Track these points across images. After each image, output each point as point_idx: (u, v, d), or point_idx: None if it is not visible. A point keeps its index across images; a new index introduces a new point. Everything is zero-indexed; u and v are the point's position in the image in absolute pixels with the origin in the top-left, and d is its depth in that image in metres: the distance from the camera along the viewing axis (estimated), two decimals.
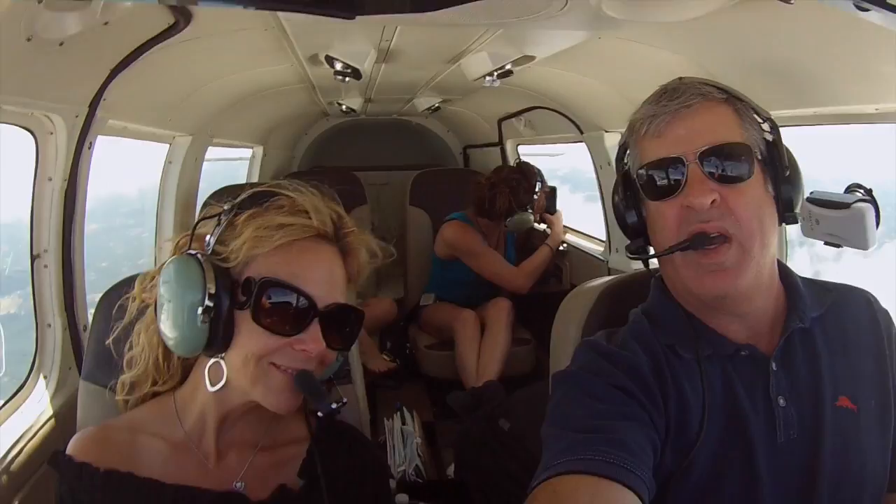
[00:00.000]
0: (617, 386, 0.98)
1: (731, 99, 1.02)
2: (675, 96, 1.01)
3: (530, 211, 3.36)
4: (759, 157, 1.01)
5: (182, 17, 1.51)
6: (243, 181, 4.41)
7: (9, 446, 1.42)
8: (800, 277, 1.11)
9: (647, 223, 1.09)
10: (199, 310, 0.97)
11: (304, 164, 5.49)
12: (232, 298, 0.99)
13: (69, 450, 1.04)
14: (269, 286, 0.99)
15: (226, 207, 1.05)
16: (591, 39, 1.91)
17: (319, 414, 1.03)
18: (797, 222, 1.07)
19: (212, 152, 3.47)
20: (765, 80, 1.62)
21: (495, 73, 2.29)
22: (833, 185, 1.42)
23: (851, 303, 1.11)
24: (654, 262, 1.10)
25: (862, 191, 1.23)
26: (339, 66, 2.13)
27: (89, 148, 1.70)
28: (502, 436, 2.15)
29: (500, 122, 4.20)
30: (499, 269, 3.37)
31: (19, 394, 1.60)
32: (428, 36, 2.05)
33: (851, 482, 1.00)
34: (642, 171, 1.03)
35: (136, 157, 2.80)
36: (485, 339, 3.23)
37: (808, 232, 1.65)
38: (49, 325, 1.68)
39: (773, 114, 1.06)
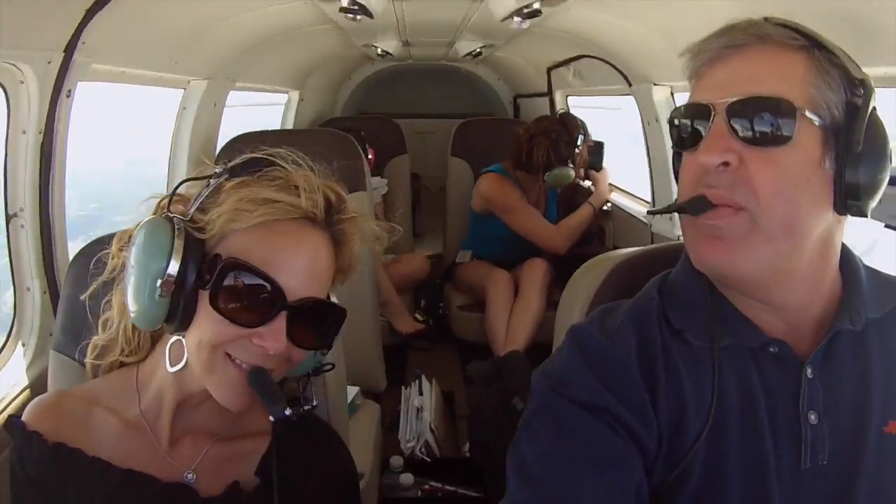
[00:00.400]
0: (589, 406, 0.84)
1: (811, 48, 0.82)
2: (726, 33, 0.85)
3: (571, 166, 3.10)
4: (823, 124, 0.81)
5: None
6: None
7: None
8: (866, 268, 0.93)
9: None
10: (159, 282, 0.87)
11: (348, 109, 5.39)
12: (198, 274, 0.89)
13: (24, 416, 0.98)
14: (232, 268, 0.89)
15: (217, 170, 0.95)
16: None
17: (270, 418, 0.91)
18: (865, 215, 0.85)
19: (241, 97, 3.39)
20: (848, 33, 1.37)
21: (523, 12, 2.06)
22: None
23: None
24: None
25: None
26: (344, 2, 1.96)
27: (67, 96, 1.59)
28: (515, 416, 2.03)
29: (548, 70, 3.95)
30: (534, 227, 3.16)
31: None
32: None
33: None
34: (673, 117, 0.89)
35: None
36: (517, 302, 3.06)
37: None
38: (28, 289, 1.62)
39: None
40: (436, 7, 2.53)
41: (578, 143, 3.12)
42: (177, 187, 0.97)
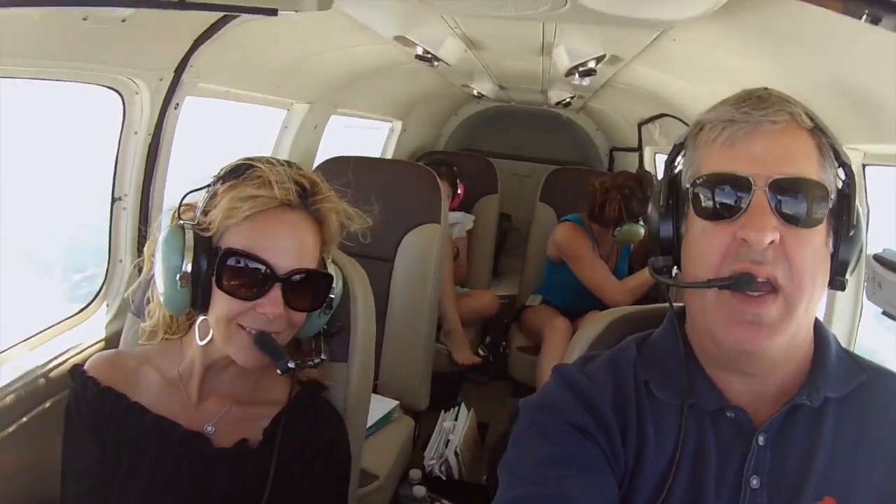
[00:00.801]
0: (574, 425, 0.91)
1: (817, 131, 0.87)
2: (762, 106, 0.86)
3: (642, 224, 3.05)
4: (830, 206, 0.87)
5: None
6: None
7: (56, 355, 1.67)
8: (838, 347, 0.96)
9: (684, 244, 0.95)
10: (178, 276, 1.10)
11: (451, 145, 5.60)
12: (208, 265, 1.12)
13: (86, 365, 1.23)
14: (229, 255, 1.11)
15: (212, 179, 1.17)
16: (673, 41, 1.83)
17: (278, 371, 1.13)
18: (844, 289, 0.91)
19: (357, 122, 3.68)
20: (849, 106, 1.46)
21: (580, 70, 2.22)
22: None
23: (886, 392, 0.93)
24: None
25: None
26: (419, 51, 2.19)
27: (175, 108, 1.92)
28: None
29: (639, 126, 4.03)
30: (600, 280, 3.17)
31: (81, 314, 1.87)
32: (500, 26, 2.05)
33: None
34: (699, 182, 0.88)
35: None
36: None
37: (870, 295, 1.47)
38: (120, 261, 1.93)
39: (862, 147, 0.92)
40: (510, 58, 2.69)
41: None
42: (182, 199, 1.19)
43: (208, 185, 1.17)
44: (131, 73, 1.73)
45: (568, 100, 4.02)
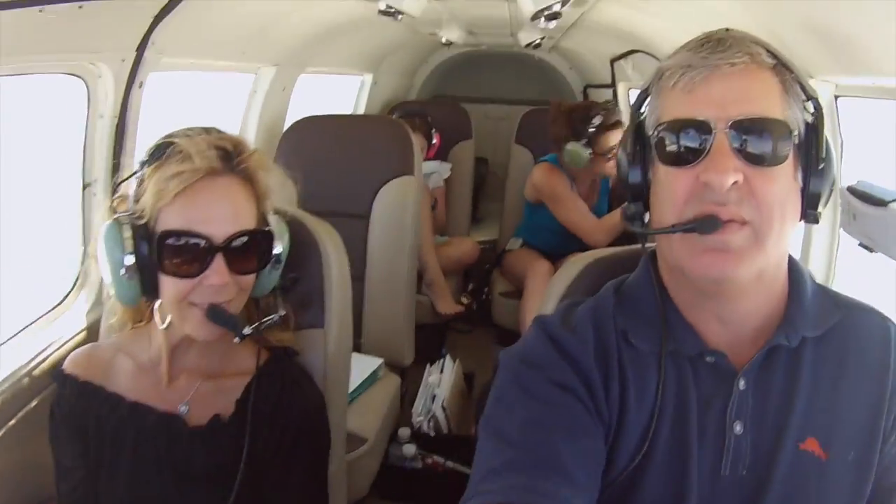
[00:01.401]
0: (557, 383, 0.89)
1: (780, 67, 0.86)
2: (720, 49, 0.85)
3: (586, 146, 2.98)
4: (796, 142, 0.86)
5: None
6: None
7: (38, 352, 1.68)
8: (813, 285, 0.96)
9: (651, 188, 0.94)
10: (122, 270, 1.11)
11: (424, 93, 5.57)
12: (150, 251, 1.12)
13: (65, 364, 1.25)
14: (166, 237, 1.10)
15: (137, 164, 1.16)
16: None
17: (236, 340, 1.15)
18: (817, 222, 0.91)
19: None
20: (821, 42, 1.46)
21: (545, 14, 2.18)
22: None
23: (863, 329, 0.94)
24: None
25: None
26: (382, 6, 2.14)
27: (140, 87, 1.89)
28: None
29: (612, 62, 3.96)
30: (577, 219, 3.11)
31: (60, 306, 1.86)
32: None
33: None
34: (661, 128, 0.88)
35: None
36: None
37: (845, 225, 1.49)
38: None
39: (834, 79, 0.88)
40: (473, 6, 2.65)
41: (594, 121, 2.97)
42: (114, 191, 1.19)
43: (135, 172, 1.15)
44: (92, 58, 1.71)
45: (538, 41, 3.98)
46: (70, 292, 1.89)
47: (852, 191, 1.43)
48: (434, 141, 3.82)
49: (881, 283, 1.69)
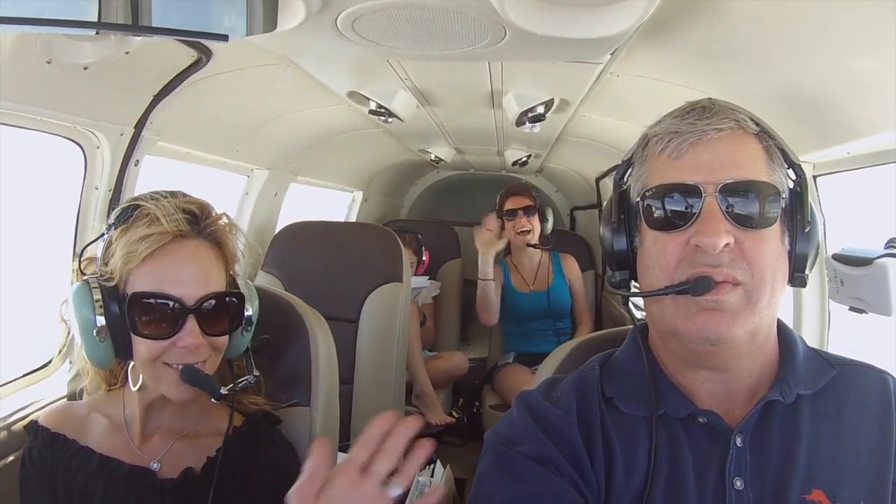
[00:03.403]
0: (537, 458, 0.90)
1: (763, 134, 0.91)
2: (707, 115, 0.89)
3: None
4: (783, 206, 0.90)
5: (202, 53, 1.73)
6: None
7: (17, 409, 1.63)
8: (805, 347, 0.98)
9: (638, 256, 0.97)
10: (94, 331, 1.11)
11: (414, 213, 5.70)
12: (122, 312, 1.12)
13: (39, 417, 1.25)
14: (137, 300, 1.12)
15: (104, 228, 1.18)
16: (616, 77, 1.94)
17: (212, 400, 1.16)
18: (804, 285, 0.93)
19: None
20: (794, 116, 1.53)
21: (528, 116, 2.32)
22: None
23: (859, 383, 0.94)
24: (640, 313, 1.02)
25: None
26: (373, 105, 2.28)
27: (136, 164, 1.95)
28: None
29: (597, 181, 4.10)
30: None
31: (44, 369, 1.83)
32: (449, 75, 2.15)
33: None
34: (649, 194, 0.91)
35: None
36: None
37: (833, 295, 1.51)
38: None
39: (811, 159, 0.93)
40: (463, 113, 2.78)
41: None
42: (80, 255, 1.21)
43: (101, 235, 1.18)
44: (92, 126, 1.77)
45: (524, 159, 4.13)
46: (54, 358, 1.86)
47: (837, 258, 1.46)
48: (424, 258, 3.93)
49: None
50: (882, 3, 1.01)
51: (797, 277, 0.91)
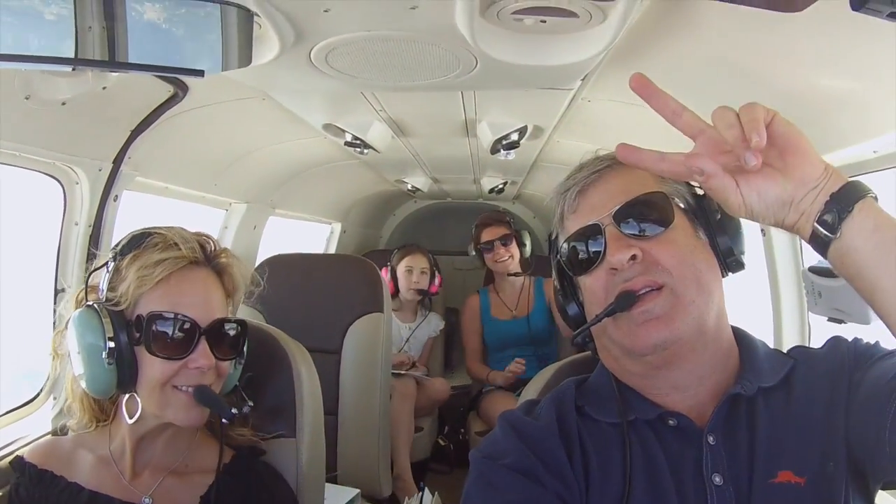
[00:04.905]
0: (521, 470, 0.93)
1: None
2: (587, 165, 1.01)
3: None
4: (683, 206, 0.99)
5: (178, 88, 1.75)
6: None
7: (1, 445, 1.63)
8: (765, 346, 1.04)
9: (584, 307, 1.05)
10: (104, 354, 1.12)
11: (392, 244, 5.64)
12: (129, 337, 1.14)
13: (24, 453, 1.25)
14: (155, 319, 1.14)
15: (109, 255, 1.20)
16: (588, 102, 1.99)
17: (224, 421, 1.19)
18: (743, 268, 1.00)
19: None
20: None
21: (502, 144, 2.36)
22: None
23: (815, 357, 0.99)
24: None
25: None
26: (349, 137, 2.31)
27: (115, 200, 1.96)
28: None
29: None
30: (465, 347, 3.78)
31: (28, 406, 1.83)
32: (423, 105, 2.19)
33: None
34: (564, 249, 1.01)
35: None
36: None
37: (812, 307, 1.53)
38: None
39: None
40: (437, 143, 2.82)
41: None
42: (87, 280, 1.23)
43: (106, 263, 1.20)
44: (71, 161, 1.78)
45: (501, 186, 4.17)
46: (38, 396, 1.86)
47: (814, 270, 1.48)
48: (436, 280, 3.99)
49: None
50: (843, 24, 1.06)
51: (731, 262, 0.98)
